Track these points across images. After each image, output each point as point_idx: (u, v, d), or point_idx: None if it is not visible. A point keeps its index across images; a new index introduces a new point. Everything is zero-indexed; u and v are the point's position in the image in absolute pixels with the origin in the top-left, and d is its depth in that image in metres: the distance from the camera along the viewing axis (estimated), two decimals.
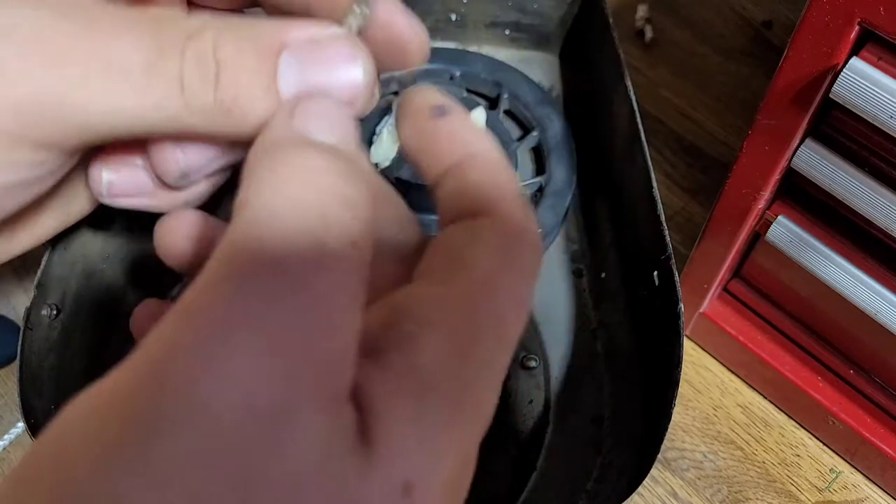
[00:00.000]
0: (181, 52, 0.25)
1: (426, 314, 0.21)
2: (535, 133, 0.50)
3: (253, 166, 0.22)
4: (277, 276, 0.19)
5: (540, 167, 0.50)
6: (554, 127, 0.50)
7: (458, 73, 0.53)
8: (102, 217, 0.42)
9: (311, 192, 0.20)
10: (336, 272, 0.20)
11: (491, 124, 0.49)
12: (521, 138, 0.51)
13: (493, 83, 0.53)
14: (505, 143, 0.49)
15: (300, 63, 0.26)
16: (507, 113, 0.52)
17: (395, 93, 0.52)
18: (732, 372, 0.51)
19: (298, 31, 0.26)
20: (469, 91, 0.54)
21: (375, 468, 0.19)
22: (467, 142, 0.25)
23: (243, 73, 0.25)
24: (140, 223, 0.44)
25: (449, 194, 0.25)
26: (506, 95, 0.52)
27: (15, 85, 0.25)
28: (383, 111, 0.48)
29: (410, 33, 0.29)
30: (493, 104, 0.53)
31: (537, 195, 0.48)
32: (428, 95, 0.26)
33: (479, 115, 0.47)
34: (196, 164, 0.29)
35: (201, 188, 0.32)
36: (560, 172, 0.48)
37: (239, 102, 0.25)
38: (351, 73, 0.26)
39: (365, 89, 0.26)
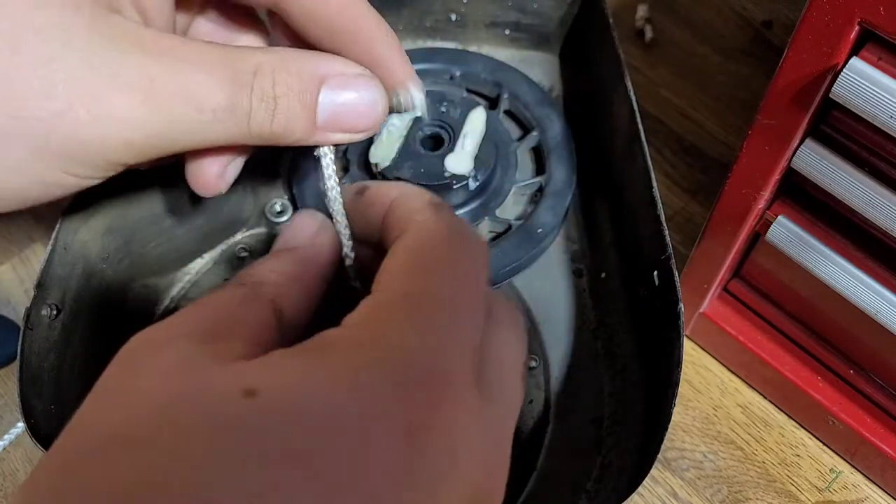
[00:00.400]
0: (250, 90, 0.31)
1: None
2: (534, 133, 0.50)
3: None
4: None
5: (540, 167, 0.50)
6: (554, 127, 0.50)
7: (458, 73, 0.53)
8: (103, 217, 0.42)
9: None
10: None
11: (491, 124, 0.49)
12: (520, 138, 0.51)
13: (493, 83, 0.53)
14: (505, 142, 0.49)
15: (333, 95, 0.33)
16: (508, 113, 0.52)
17: None
18: (732, 372, 0.51)
19: (336, 66, 0.33)
20: (469, 91, 0.54)
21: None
22: (384, 202, 0.32)
23: (294, 107, 0.32)
24: (140, 223, 0.44)
25: (384, 239, 0.31)
26: (506, 95, 0.52)
27: (128, 126, 0.30)
28: None
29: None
30: (493, 104, 0.53)
31: (537, 195, 0.48)
32: (352, 187, 0.34)
33: (479, 114, 0.47)
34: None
35: None
36: (560, 172, 0.48)
37: (288, 129, 0.32)
38: (371, 109, 0.34)
39: (380, 120, 0.34)
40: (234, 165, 0.36)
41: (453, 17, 0.57)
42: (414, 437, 0.23)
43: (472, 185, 0.46)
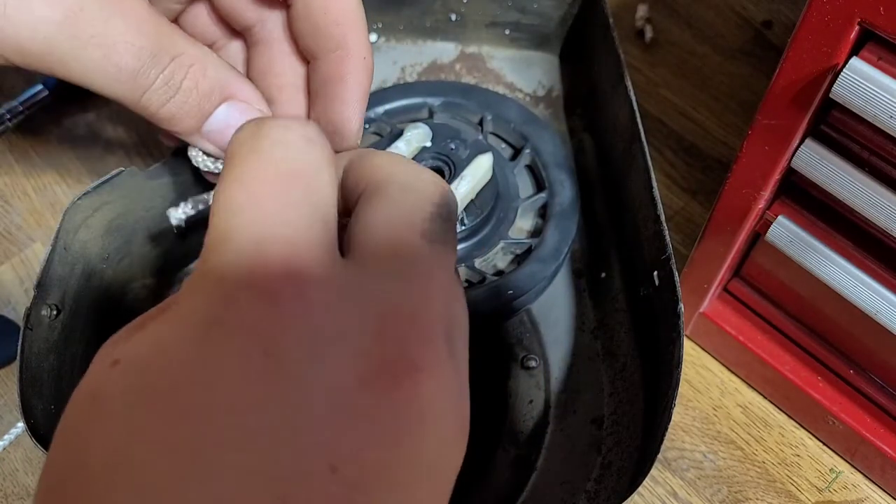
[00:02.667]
0: (162, 68, 0.33)
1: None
2: (543, 195, 0.49)
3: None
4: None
5: (537, 230, 0.49)
6: (564, 193, 0.49)
7: (489, 117, 0.52)
8: (103, 217, 0.42)
9: None
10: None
11: (502, 175, 0.48)
12: (529, 197, 0.50)
13: (520, 135, 0.52)
14: (510, 196, 0.49)
15: (229, 114, 0.35)
16: (528, 168, 0.52)
17: (412, 120, 0.52)
18: (732, 372, 0.51)
19: (246, 92, 0.36)
20: (495, 135, 0.53)
21: None
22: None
23: (189, 106, 0.34)
24: (140, 223, 0.44)
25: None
26: (528, 150, 0.51)
27: (30, 29, 0.30)
28: (395, 136, 0.48)
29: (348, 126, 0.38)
30: (516, 154, 0.52)
31: (525, 255, 0.47)
32: None
33: (485, 160, 0.47)
34: None
35: None
36: (553, 239, 0.47)
37: (175, 119, 0.34)
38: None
39: None
40: None
41: (453, 16, 0.57)
42: (267, 357, 0.22)
43: (457, 227, 0.46)
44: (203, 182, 0.45)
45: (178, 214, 0.39)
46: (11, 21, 0.30)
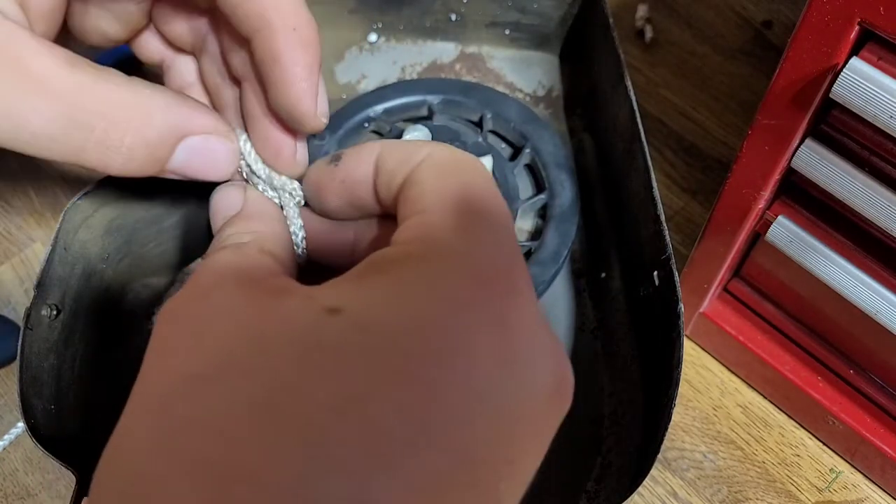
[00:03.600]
0: (90, 131, 0.30)
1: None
2: (543, 196, 0.49)
3: None
4: None
5: (537, 232, 0.49)
6: (564, 195, 0.48)
7: (489, 115, 0.52)
8: (103, 217, 0.42)
9: None
10: None
11: (502, 176, 0.48)
12: (529, 198, 0.49)
13: (520, 134, 0.51)
14: (509, 198, 0.48)
15: (189, 149, 0.33)
16: (527, 167, 0.51)
17: (408, 119, 0.51)
18: (732, 372, 0.51)
19: (197, 125, 0.34)
20: (495, 133, 0.53)
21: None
22: (368, 160, 0.32)
23: (141, 160, 0.32)
24: (140, 223, 0.44)
25: (386, 184, 0.31)
26: (528, 150, 0.50)
27: None
28: (394, 137, 0.48)
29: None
30: (516, 153, 0.52)
31: (525, 257, 0.46)
32: (323, 159, 0.34)
33: (487, 162, 0.46)
34: None
35: None
36: (552, 242, 0.46)
37: (129, 170, 0.32)
38: (223, 166, 0.35)
39: (229, 173, 0.36)
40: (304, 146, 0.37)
41: (453, 16, 0.57)
42: (504, 330, 0.24)
43: None
44: (203, 183, 0.45)
45: None
46: None
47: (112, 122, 0.31)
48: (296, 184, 0.36)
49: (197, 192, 0.46)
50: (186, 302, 0.26)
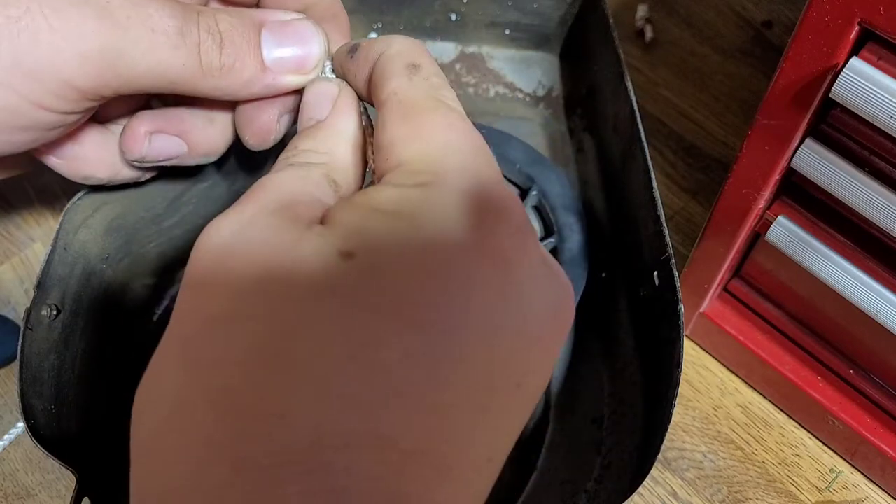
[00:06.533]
0: (197, 23, 0.33)
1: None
2: (552, 240, 0.49)
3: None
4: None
5: None
6: (573, 238, 0.48)
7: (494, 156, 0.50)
8: (103, 217, 0.42)
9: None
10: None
11: None
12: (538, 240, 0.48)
13: (526, 175, 0.51)
14: None
15: (274, 36, 0.35)
16: (535, 209, 0.51)
17: None
18: (732, 372, 0.51)
19: (272, 15, 0.35)
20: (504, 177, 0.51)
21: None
22: (371, 59, 0.32)
23: (239, 43, 0.34)
24: (139, 223, 0.44)
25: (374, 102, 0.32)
26: (535, 192, 0.50)
27: (84, 40, 0.31)
28: None
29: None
30: (522, 195, 0.51)
31: None
32: (343, 46, 0.35)
33: None
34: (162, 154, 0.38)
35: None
36: None
37: (237, 65, 0.34)
38: (311, 46, 0.35)
39: (321, 58, 0.35)
40: (287, 118, 0.37)
41: (453, 16, 0.57)
42: (506, 265, 0.25)
43: None
44: (204, 180, 0.45)
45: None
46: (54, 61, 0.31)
47: (202, 12, 0.33)
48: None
49: (196, 192, 0.46)
50: (222, 230, 0.27)
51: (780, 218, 0.40)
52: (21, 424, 0.46)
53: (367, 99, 0.33)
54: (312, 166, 0.30)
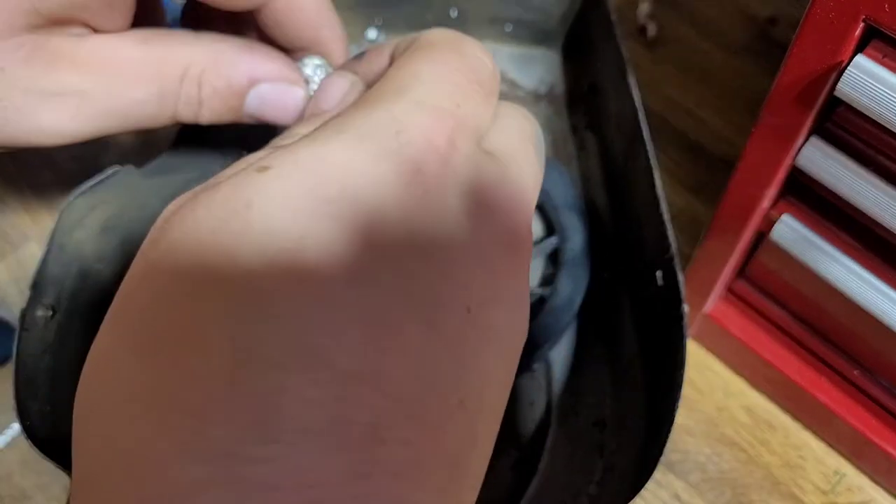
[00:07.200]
0: (176, 98, 0.34)
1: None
2: (554, 239, 0.48)
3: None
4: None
5: (547, 278, 0.48)
6: (575, 238, 0.47)
7: None
8: (98, 217, 0.41)
9: None
10: None
11: None
12: (539, 241, 0.48)
13: None
14: None
15: (261, 96, 0.35)
16: (536, 208, 0.50)
17: None
18: (736, 373, 0.51)
19: (265, 72, 0.35)
20: None
21: None
22: (386, 52, 0.33)
23: (217, 108, 0.34)
24: (135, 223, 0.44)
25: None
26: None
27: (50, 134, 0.34)
28: None
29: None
30: None
31: (537, 306, 0.46)
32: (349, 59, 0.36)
33: None
34: None
35: None
36: (565, 289, 0.46)
37: (213, 119, 0.35)
38: (293, 108, 0.35)
39: (299, 113, 0.36)
40: None
41: (454, 12, 0.57)
42: (465, 192, 0.26)
43: None
44: (200, 179, 0.45)
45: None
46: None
47: (188, 79, 0.34)
48: None
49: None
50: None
51: (784, 217, 0.39)
52: (16, 426, 0.46)
53: None
54: None
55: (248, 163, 0.26)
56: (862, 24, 0.30)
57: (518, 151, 0.30)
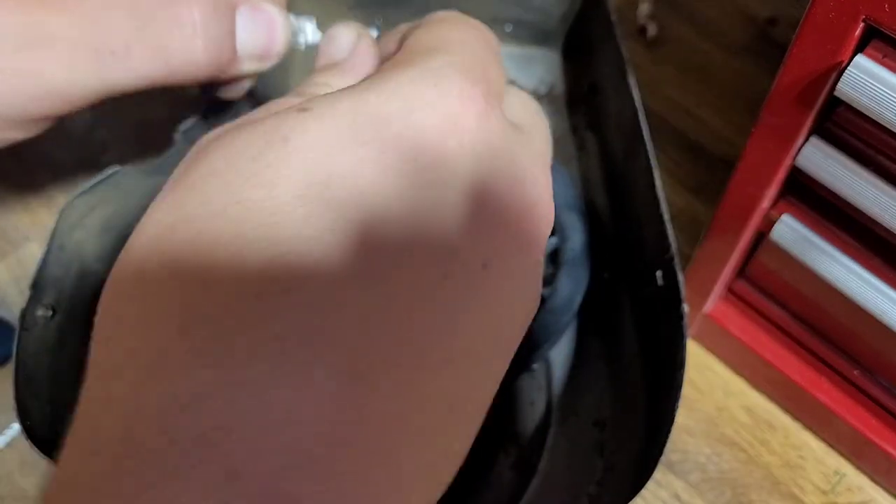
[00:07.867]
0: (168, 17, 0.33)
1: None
2: (554, 239, 0.47)
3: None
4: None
5: (550, 276, 0.48)
6: (575, 238, 0.47)
7: None
8: (99, 216, 0.41)
9: None
10: None
11: None
12: None
13: None
14: None
15: (245, 20, 0.35)
16: None
17: None
18: (736, 373, 0.51)
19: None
20: None
21: None
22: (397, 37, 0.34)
23: (216, 35, 0.34)
24: (135, 223, 0.44)
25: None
26: None
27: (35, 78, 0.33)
28: None
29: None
30: None
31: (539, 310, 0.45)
32: None
33: None
34: None
35: None
36: (565, 290, 0.45)
37: (213, 56, 0.35)
38: (278, 34, 0.37)
39: (285, 47, 0.37)
40: None
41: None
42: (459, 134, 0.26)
43: None
44: None
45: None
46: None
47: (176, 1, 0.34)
48: None
49: None
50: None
51: (784, 217, 0.39)
52: (16, 426, 0.46)
53: None
54: None
55: (284, 104, 0.27)
56: (862, 24, 0.30)
57: (535, 124, 0.31)
